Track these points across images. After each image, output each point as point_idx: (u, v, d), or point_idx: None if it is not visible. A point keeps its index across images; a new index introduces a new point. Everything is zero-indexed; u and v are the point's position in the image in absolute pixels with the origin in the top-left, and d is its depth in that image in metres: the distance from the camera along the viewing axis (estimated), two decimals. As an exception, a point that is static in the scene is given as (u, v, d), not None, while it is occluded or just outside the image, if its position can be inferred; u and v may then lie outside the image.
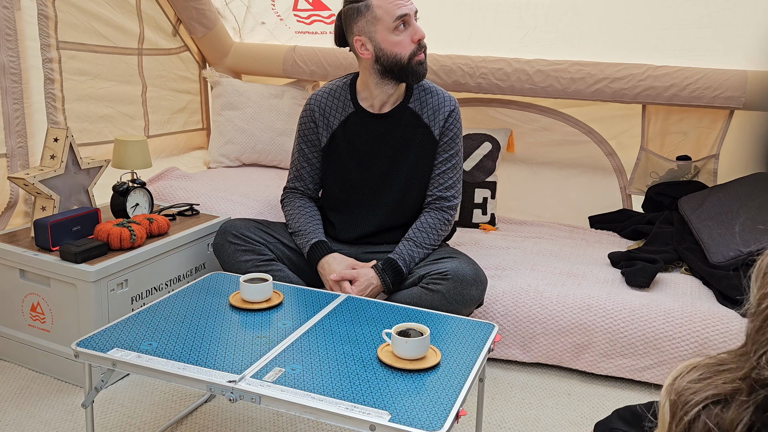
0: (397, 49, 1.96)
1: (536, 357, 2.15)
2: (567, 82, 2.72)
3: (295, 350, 1.48)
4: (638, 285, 2.18)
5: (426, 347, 1.43)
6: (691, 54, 2.63)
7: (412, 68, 1.98)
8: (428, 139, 2.08)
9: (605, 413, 1.93)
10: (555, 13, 2.73)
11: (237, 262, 2.03)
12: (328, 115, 2.11)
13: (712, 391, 0.55)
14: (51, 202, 2.08)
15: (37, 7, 2.32)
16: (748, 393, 0.53)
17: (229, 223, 2.09)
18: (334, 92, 2.12)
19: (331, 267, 2.01)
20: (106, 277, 1.93)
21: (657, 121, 2.81)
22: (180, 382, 1.38)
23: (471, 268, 1.92)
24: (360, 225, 2.14)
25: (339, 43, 2.09)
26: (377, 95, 2.06)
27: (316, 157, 2.16)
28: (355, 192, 2.12)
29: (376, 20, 1.95)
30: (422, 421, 1.22)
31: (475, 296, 1.91)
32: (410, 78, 2.00)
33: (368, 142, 2.08)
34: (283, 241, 2.11)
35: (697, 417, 0.54)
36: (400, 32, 1.96)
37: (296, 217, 2.13)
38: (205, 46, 3.21)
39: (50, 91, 2.40)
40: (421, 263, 2.02)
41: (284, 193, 2.22)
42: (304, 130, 2.15)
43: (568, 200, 2.98)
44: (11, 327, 2.09)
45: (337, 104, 2.11)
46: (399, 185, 2.09)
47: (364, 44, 1.98)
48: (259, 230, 2.09)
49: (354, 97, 2.10)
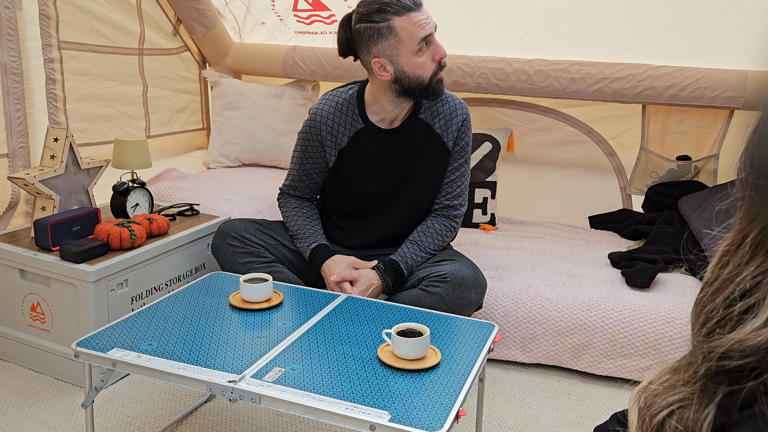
0: (420, 71, 1.88)
1: (536, 357, 2.15)
2: (567, 82, 2.72)
3: (295, 350, 1.48)
4: (638, 285, 2.18)
5: (426, 347, 1.43)
6: (691, 54, 2.63)
7: (433, 88, 1.91)
8: (441, 149, 2.03)
9: (605, 413, 1.93)
10: (555, 13, 2.73)
11: (236, 264, 2.02)
12: (336, 132, 2.02)
13: (676, 395, 0.55)
14: (51, 202, 2.08)
15: (38, 7, 2.32)
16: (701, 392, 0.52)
17: (227, 224, 2.07)
18: (340, 107, 2.02)
19: (332, 269, 2.00)
20: (106, 277, 1.93)
21: (657, 121, 2.81)
22: (180, 382, 1.38)
23: (470, 271, 1.92)
24: (367, 234, 2.12)
25: (344, 53, 1.97)
26: (390, 110, 1.99)
27: (316, 172, 2.10)
28: (364, 205, 2.09)
29: (399, 43, 1.85)
30: (422, 421, 1.22)
31: (474, 299, 1.91)
32: (430, 97, 1.94)
33: (379, 157, 2.03)
34: (283, 242, 2.10)
35: (663, 422, 0.54)
36: (423, 53, 1.87)
37: (295, 220, 2.11)
38: (205, 46, 3.21)
39: (52, 91, 2.40)
40: (422, 265, 2.02)
41: (279, 195, 2.19)
42: (307, 147, 2.06)
43: (568, 200, 2.98)
44: (11, 327, 2.09)
45: (344, 120, 2.02)
46: (410, 197, 2.06)
47: (384, 66, 1.88)
48: (259, 231, 2.07)
49: (362, 111, 2.02)
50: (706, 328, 0.54)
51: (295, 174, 2.13)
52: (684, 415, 0.53)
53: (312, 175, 2.11)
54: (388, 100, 1.96)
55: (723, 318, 0.52)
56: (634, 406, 0.58)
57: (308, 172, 2.10)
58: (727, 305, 0.52)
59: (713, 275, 0.55)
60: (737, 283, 0.52)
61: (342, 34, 1.94)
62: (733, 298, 0.52)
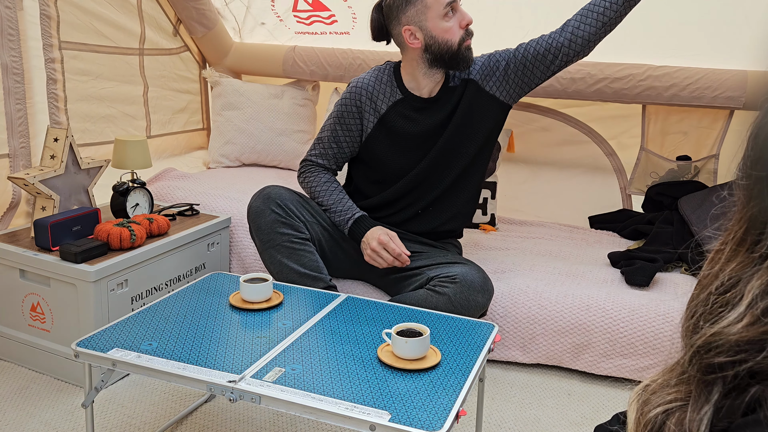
0: (448, 36, 1.94)
1: (536, 357, 2.15)
2: (567, 82, 2.72)
3: (295, 350, 1.48)
4: (638, 285, 2.18)
5: (426, 347, 1.43)
6: (691, 54, 2.63)
7: (462, 54, 1.96)
8: (470, 87, 2.04)
9: (605, 413, 1.93)
10: (555, 13, 2.73)
11: (274, 233, 1.99)
12: (376, 99, 2.08)
13: (671, 394, 0.55)
14: (51, 202, 2.08)
15: (39, 7, 2.32)
16: (697, 392, 0.53)
17: (273, 190, 2.04)
18: (380, 78, 2.10)
19: (374, 233, 2.00)
20: (106, 277, 1.93)
21: (657, 121, 2.81)
22: (180, 382, 1.38)
23: (480, 275, 1.93)
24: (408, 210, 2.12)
25: (378, 37, 2.06)
26: (425, 85, 2.04)
27: (347, 142, 2.12)
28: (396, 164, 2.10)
29: (426, 8, 1.93)
30: (422, 421, 1.22)
31: (481, 303, 1.91)
32: (460, 64, 1.98)
33: (420, 125, 2.06)
34: (320, 221, 2.09)
35: (663, 424, 0.54)
36: (450, 18, 1.94)
37: (327, 192, 2.10)
38: (205, 46, 3.21)
39: (53, 91, 2.40)
40: (432, 265, 2.02)
41: (304, 165, 2.17)
42: (344, 113, 2.10)
43: (568, 200, 2.98)
44: (11, 327, 2.09)
45: (384, 89, 2.08)
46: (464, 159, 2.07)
47: (414, 33, 1.96)
48: (301, 206, 2.06)
49: (401, 83, 2.08)
50: (691, 323, 0.55)
51: (325, 141, 2.14)
52: (683, 416, 0.53)
53: (342, 144, 2.13)
54: (422, 73, 2.02)
55: (705, 312, 0.53)
56: (633, 404, 0.59)
57: (339, 140, 2.12)
58: (709, 300, 0.53)
59: (703, 273, 0.56)
60: (719, 279, 0.54)
61: (375, 17, 2.05)
62: (716, 293, 0.53)
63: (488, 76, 2.05)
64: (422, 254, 2.08)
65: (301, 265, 1.98)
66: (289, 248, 1.98)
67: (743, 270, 0.52)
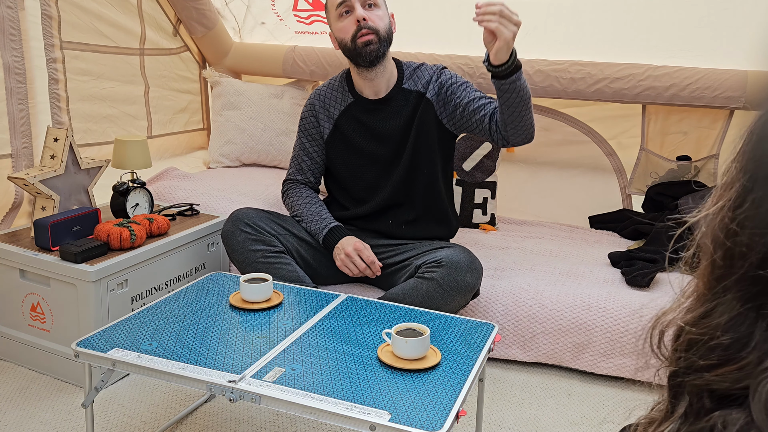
0: (343, 35, 2.05)
1: (536, 357, 2.15)
2: (567, 82, 2.72)
3: (295, 350, 1.48)
4: (638, 285, 2.18)
5: (426, 347, 1.43)
6: (691, 54, 2.63)
7: (358, 50, 2.03)
8: (428, 107, 2.10)
9: (605, 413, 1.93)
10: (555, 13, 2.73)
11: (246, 251, 2.03)
12: (329, 106, 2.19)
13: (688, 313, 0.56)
14: (51, 202, 2.08)
15: (40, 7, 2.32)
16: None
17: (241, 212, 2.09)
18: (332, 86, 2.21)
19: (345, 243, 2.05)
20: (106, 277, 1.94)
21: (657, 121, 2.81)
22: (180, 382, 1.38)
23: (466, 255, 1.95)
24: (372, 202, 2.17)
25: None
26: (365, 86, 2.13)
27: (316, 151, 2.22)
28: (366, 176, 2.17)
29: (329, 13, 2.10)
30: (422, 421, 1.22)
31: (470, 283, 1.92)
32: (359, 60, 2.05)
33: (371, 126, 2.14)
34: (294, 232, 2.13)
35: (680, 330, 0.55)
36: (344, 18, 2.05)
37: (305, 206, 2.17)
38: (205, 46, 3.21)
39: (54, 91, 2.40)
40: (418, 254, 2.05)
41: (285, 185, 2.26)
42: (305, 124, 2.22)
43: (568, 200, 2.98)
44: (11, 327, 2.09)
45: (336, 96, 2.19)
46: (407, 160, 2.12)
47: (333, 37, 2.11)
48: (271, 221, 2.10)
49: (351, 87, 2.17)
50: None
51: (297, 157, 2.25)
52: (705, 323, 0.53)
53: (312, 154, 2.22)
54: (356, 75, 2.13)
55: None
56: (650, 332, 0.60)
57: (308, 151, 2.22)
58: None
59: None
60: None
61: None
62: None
63: (443, 105, 2.11)
64: (408, 245, 2.13)
65: (280, 278, 2.00)
66: (265, 263, 2.02)
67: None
